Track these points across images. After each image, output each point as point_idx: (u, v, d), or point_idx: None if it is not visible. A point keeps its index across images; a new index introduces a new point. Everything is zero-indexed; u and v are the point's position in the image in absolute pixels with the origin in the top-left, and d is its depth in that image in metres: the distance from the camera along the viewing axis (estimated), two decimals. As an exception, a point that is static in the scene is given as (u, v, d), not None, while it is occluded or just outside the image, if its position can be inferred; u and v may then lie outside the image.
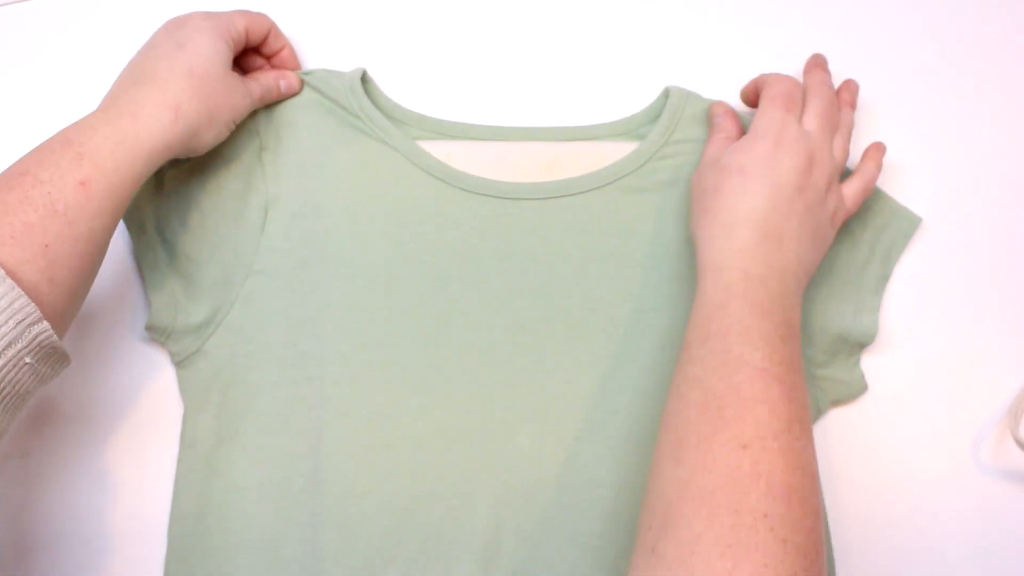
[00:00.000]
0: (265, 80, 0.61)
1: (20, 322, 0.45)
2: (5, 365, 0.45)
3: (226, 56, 0.57)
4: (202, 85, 0.54)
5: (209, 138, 0.56)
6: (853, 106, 0.60)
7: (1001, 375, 0.61)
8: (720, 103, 0.62)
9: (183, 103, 0.53)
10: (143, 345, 0.61)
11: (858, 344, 0.60)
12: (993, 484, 0.59)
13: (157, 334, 0.60)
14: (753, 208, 0.52)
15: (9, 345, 0.44)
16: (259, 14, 0.62)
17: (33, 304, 0.45)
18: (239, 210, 0.60)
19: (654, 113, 0.64)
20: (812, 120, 0.56)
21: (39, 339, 0.46)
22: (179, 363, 0.59)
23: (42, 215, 0.47)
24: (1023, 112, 0.66)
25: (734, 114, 0.61)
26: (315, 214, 0.59)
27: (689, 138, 0.62)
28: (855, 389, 0.60)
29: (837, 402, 0.60)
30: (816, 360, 0.59)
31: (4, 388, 0.45)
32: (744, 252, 0.51)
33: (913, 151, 0.65)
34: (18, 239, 0.46)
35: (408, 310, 0.58)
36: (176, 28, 0.57)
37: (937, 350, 0.61)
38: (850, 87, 0.61)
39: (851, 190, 0.58)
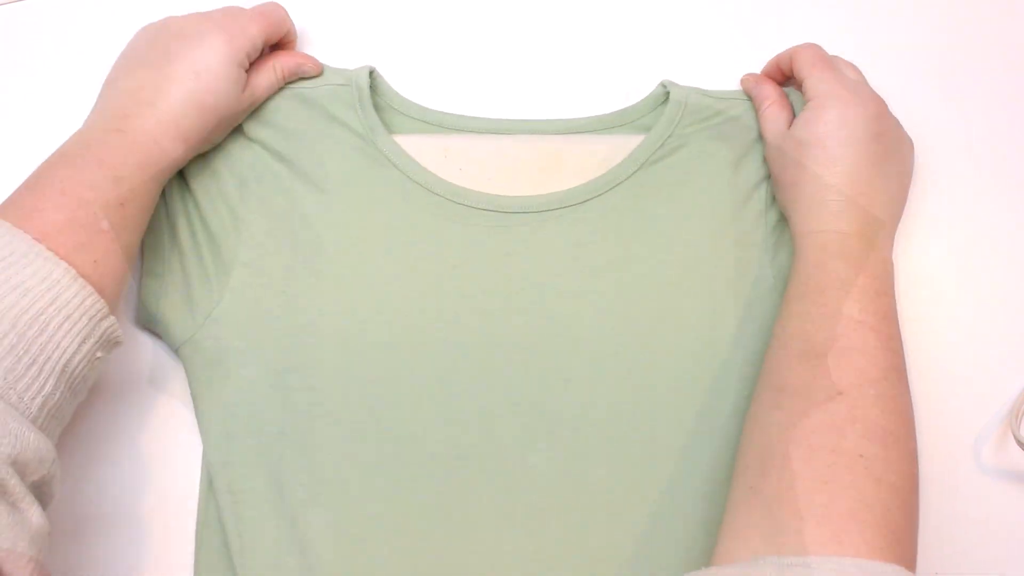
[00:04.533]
0: (281, 66, 0.62)
1: (91, 318, 0.49)
2: (81, 360, 0.49)
3: (240, 82, 0.58)
4: (213, 119, 0.57)
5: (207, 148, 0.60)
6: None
7: (1002, 375, 0.61)
8: (748, 76, 0.64)
9: (192, 135, 0.57)
10: (144, 346, 0.61)
11: None
12: (994, 485, 0.59)
13: (146, 321, 0.60)
14: (841, 173, 0.55)
15: (84, 340, 0.49)
16: (274, 13, 0.61)
17: (102, 301, 0.50)
18: (226, 196, 0.59)
19: (652, 104, 0.63)
20: (849, 70, 0.60)
21: (106, 334, 0.51)
22: (177, 350, 0.59)
23: (90, 234, 0.51)
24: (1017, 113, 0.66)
25: (767, 78, 0.63)
26: (307, 223, 0.59)
27: (687, 141, 0.61)
28: None
29: None
30: None
31: (76, 380, 0.49)
32: (837, 215, 0.54)
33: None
34: (71, 257, 0.49)
35: (406, 326, 0.57)
36: (191, 45, 0.57)
37: (938, 350, 0.61)
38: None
39: None
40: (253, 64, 0.60)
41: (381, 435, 0.56)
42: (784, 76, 0.63)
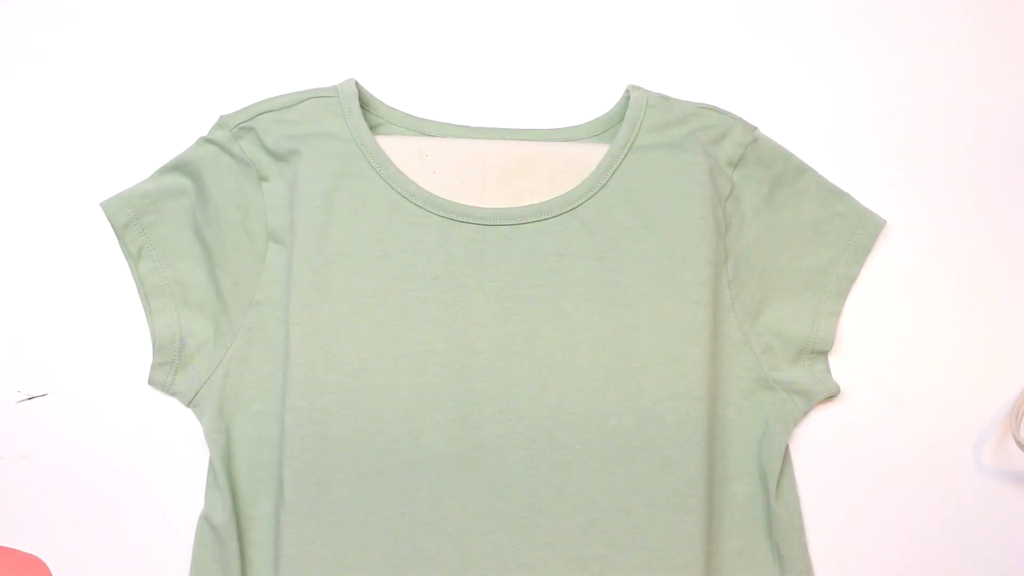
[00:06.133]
0: None
1: None
2: None
3: None
4: None
5: None
6: None
7: (1002, 376, 0.61)
8: None
9: None
10: (143, 346, 0.61)
11: (817, 352, 0.60)
12: (994, 485, 0.59)
13: (163, 368, 0.60)
14: None
15: None
16: None
17: None
18: (239, 240, 0.60)
19: (619, 111, 0.64)
20: None
21: None
22: (190, 403, 0.59)
23: None
24: (990, 113, 0.66)
25: None
26: (309, 244, 0.59)
27: (651, 144, 0.61)
28: (821, 393, 0.59)
29: (808, 403, 0.59)
30: (777, 366, 0.59)
31: None
32: None
33: (887, 153, 0.65)
34: None
35: (388, 336, 0.57)
36: None
37: (938, 351, 0.62)
38: None
39: None
40: None
41: (363, 442, 0.56)
42: None
